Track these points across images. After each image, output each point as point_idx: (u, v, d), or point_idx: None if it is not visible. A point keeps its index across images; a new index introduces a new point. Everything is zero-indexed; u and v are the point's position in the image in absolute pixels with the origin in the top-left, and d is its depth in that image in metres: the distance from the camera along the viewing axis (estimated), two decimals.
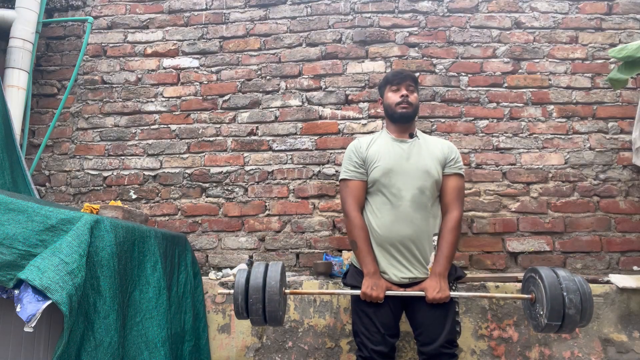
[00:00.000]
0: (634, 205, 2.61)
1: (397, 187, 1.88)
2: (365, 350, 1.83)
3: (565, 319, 1.62)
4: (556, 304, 1.62)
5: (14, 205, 1.52)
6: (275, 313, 1.69)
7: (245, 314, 1.71)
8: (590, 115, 2.74)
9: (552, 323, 1.63)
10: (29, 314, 1.33)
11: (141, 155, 2.96)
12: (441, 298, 1.77)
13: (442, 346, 1.76)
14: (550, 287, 1.64)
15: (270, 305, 1.68)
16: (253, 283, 1.70)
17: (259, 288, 1.69)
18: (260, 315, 1.69)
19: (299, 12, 3.00)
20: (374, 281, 1.80)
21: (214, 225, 2.82)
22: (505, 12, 2.89)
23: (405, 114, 1.97)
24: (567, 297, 1.61)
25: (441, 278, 1.79)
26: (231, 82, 2.97)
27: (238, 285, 1.72)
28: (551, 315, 1.62)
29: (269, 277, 1.71)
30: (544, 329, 1.68)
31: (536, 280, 1.73)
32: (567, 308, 1.61)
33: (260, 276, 1.71)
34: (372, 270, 1.82)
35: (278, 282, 1.70)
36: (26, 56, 2.81)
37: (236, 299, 1.71)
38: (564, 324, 1.63)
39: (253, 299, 1.68)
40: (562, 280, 1.64)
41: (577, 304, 1.61)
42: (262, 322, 1.72)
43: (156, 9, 3.12)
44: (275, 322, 1.72)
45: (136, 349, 1.75)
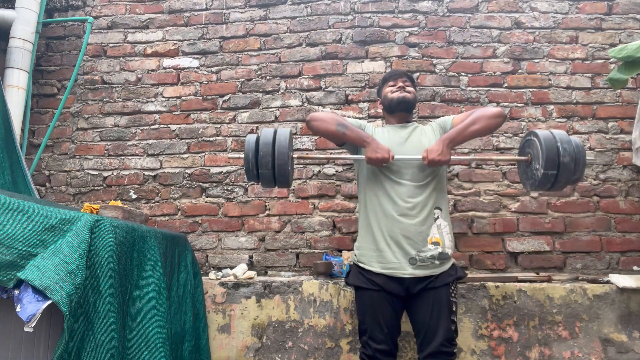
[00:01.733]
0: (634, 205, 2.61)
1: (396, 166, 1.89)
2: (369, 349, 1.83)
3: (560, 167, 1.71)
4: (551, 153, 1.72)
5: (14, 205, 1.52)
6: (284, 168, 1.73)
7: (255, 172, 1.76)
8: (590, 115, 2.74)
9: (548, 172, 1.72)
10: (29, 314, 1.33)
11: (141, 155, 2.96)
12: (441, 160, 1.79)
13: (441, 344, 1.76)
14: (546, 140, 1.75)
15: (279, 159, 1.72)
16: (263, 140, 1.76)
17: (269, 144, 1.74)
18: (270, 169, 1.73)
19: (299, 12, 3.00)
20: (376, 144, 1.83)
21: (214, 225, 2.82)
22: (505, 12, 2.89)
23: (403, 99, 1.99)
24: (561, 147, 1.72)
25: (445, 143, 1.81)
26: (231, 82, 2.97)
27: (249, 144, 1.77)
28: (547, 165, 1.72)
29: (278, 137, 1.76)
30: (540, 181, 1.76)
31: (532, 140, 1.83)
32: (561, 156, 1.71)
33: (270, 136, 1.77)
34: (369, 137, 1.85)
35: (287, 142, 1.75)
36: (26, 56, 2.81)
37: (247, 156, 1.76)
38: (559, 172, 1.72)
39: (263, 153, 1.73)
40: (556, 135, 1.76)
41: (570, 152, 1.71)
42: (271, 178, 1.76)
43: (156, 9, 3.12)
44: (284, 179, 1.76)
45: (136, 349, 1.75)
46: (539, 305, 2.24)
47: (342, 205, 2.74)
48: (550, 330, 2.22)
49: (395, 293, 1.84)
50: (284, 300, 2.37)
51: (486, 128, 1.90)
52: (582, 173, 1.77)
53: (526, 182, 1.90)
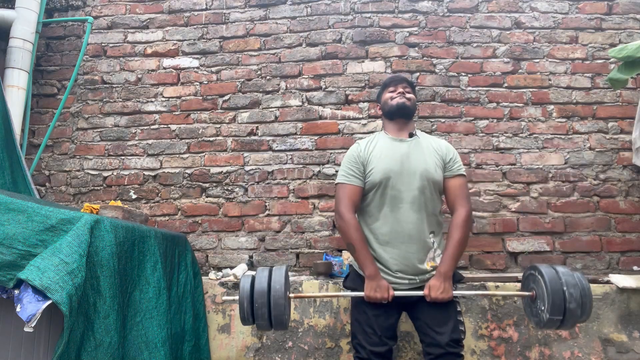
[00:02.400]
0: (634, 205, 2.61)
1: (397, 188, 1.88)
2: (362, 351, 1.83)
3: (566, 313, 1.64)
4: (557, 299, 1.64)
5: (14, 205, 1.52)
6: (281, 318, 1.67)
7: (251, 319, 1.70)
8: (590, 115, 2.74)
9: (554, 318, 1.65)
10: (29, 314, 1.33)
11: (141, 155, 2.96)
12: (443, 298, 1.77)
13: (448, 345, 1.76)
14: (551, 282, 1.66)
15: (276, 310, 1.66)
16: (258, 288, 1.69)
17: (264, 293, 1.67)
18: (266, 320, 1.68)
19: (299, 12, 3.00)
20: (376, 283, 1.80)
21: (214, 225, 2.82)
22: (505, 12, 2.89)
23: (402, 105, 1.98)
24: (567, 292, 1.63)
25: (445, 278, 1.79)
26: (231, 82, 2.97)
27: (243, 291, 1.70)
28: (553, 310, 1.64)
29: (274, 282, 1.70)
30: (545, 324, 1.69)
31: (536, 277, 1.75)
32: (567, 302, 1.63)
33: (265, 281, 1.70)
34: (372, 272, 1.82)
35: (283, 286, 1.69)
36: (26, 56, 2.81)
37: (242, 305, 1.69)
38: (565, 318, 1.65)
39: (259, 304, 1.66)
40: (561, 276, 1.67)
41: (577, 297, 1.63)
42: (268, 327, 1.70)
43: (156, 9, 3.12)
44: (282, 326, 1.70)
45: (136, 349, 1.75)
46: None
47: None
48: (550, 330, 2.22)
49: (393, 302, 1.84)
50: None
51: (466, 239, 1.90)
52: (588, 315, 1.69)
53: (531, 318, 1.83)
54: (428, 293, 1.78)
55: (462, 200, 1.93)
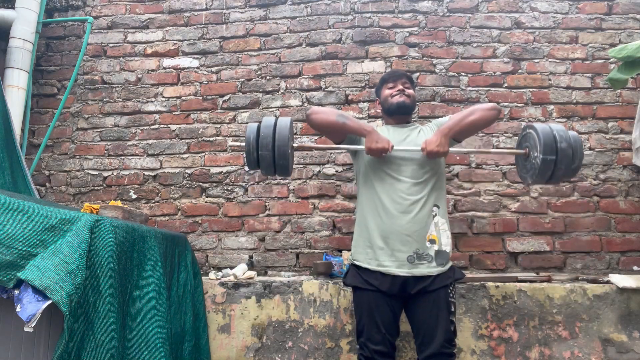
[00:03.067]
0: (634, 205, 2.61)
1: (397, 162, 1.89)
2: (366, 350, 1.83)
3: (558, 153, 1.75)
4: (549, 140, 1.77)
5: (14, 205, 1.52)
6: (285, 156, 1.75)
7: (256, 155, 1.78)
8: (590, 115, 2.74)
9: (547, 157, 1.76)
10: (29, 314, 1.33)
11: (141, 155, 2.96)
12: (439, 152, 1.80)
13: (441, 345, 1.76)
14: (542, 130, 1.80)
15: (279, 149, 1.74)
16: (264, 125, 1.78)
17: (270, 129, 1.77)
18: (270, 158, 1.76)
19: (299, 12, 3.00)
20: (376, 135, 1.83)
21: (214, 225, 2.82)
22: (505, 12, 2.89)
23: (402, 104, 1.99)
24: (557, 135, 1.77)
25: (443, 133, 1.83)
26: (231, 82, 2.97)
27: (249, 135, 1.78)
28: (545, 150, 1.76)
29: (279, 128, 1.78)
30: (540, 168, 1.79)
31: (529, 133, 1.88)
32: (559, 142, 1.76)
33: (271, 122, 1.80)
34: (371, 128, 1.87)
35: (287, 133, 1.77)
36: (26, 56, 2.81)
37: (248, 140, 1.77)
38: (557, 159, 1.75)
39: (263, 142, 1.75)
40: (551, 125, 1.82)
41: (566, 138, 1.77)
42: (272, 165, 1.78)
43: (156, 9, 3.12)
44: (284, 166, 1.78)
45: (136, 349, 1.75)
46: (539, 305, 2.24)
47: (342, 205, 2.74)
48: (550, 330, 2.22)
49: (391, 293, 1.84)
50: (284, 300, 2.37)
51: (482, 119, 1.91)
52: (580, 161, 1.81)
53: (526, 176, 1.93)
54: (425, 147, 1.81)
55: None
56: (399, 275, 1.82)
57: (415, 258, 1.83)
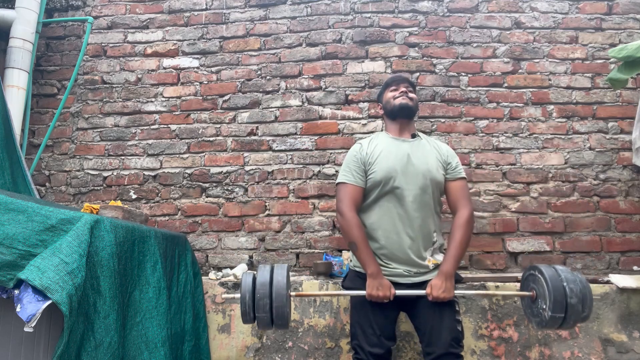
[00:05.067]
0: (634, 205, 2.61)
1: (400, 187, 1.89)
2: (361, 353, 1.83)
3: (568, 310, 1.64)
4: (558, 295, 1.64)
5: (14, 205, 1.52)
6: (283, 315, 1.67)
7: (252, 316, 1.70)
8: (590, 115, 2.74)
9: (556, 315, 1.65)
10: (29, 314, 1.32)
11: (141, 155, 2.96)
12: (445, 298, 1.77)
13: (450, 345, 1.76)
14: (552, 279, 1.67)
15: (277, 308, 1.66)
16: (260, 285, 1.69)
17: (266, 290, 1.68)
18: (268, 317, 1.68)
19: (299, 12, 3.00)
20: (378, 281, 1.80)
21: (214, 225, 2.82)
22: (505, 12, 2.89)
23: (405, 105, 1.99)
24: (567, 287, 1.64)
25: (447, 277, 1.80)
26: (231, 82, 2.97)
27: (245, 287, 1.70)
28: (554, 307, 1.64)
29: (276, 279, 1.70)
30: (547, 322, 1.69)
31: (536, 277, 1.75)
32: (569, 298, 1.63)
33: (267, 278, 1.70)
34: (374, 270, 1.81)
35: (285, 284, 1.69)
36: (26, 56, 2.81)
37: (243, 301, 1.69)
38: (567, 315, 1.65)
39: (260, 301, 1.66)
40: (560, 273, 1.69)
41: (577, 292, 1.64)
42: (269, 325, 1.70)
43: (156, 9, 3.12)
44: (283, 324, 1.70)
45: (136, 349, 1.75)
46: None
47: None
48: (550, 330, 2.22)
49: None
50: None
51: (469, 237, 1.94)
52: (589, 312, 1.69)
53: (532, 319, 1.82)
54: (430, 292, 1.78)
55: (464, 201, 1.95)
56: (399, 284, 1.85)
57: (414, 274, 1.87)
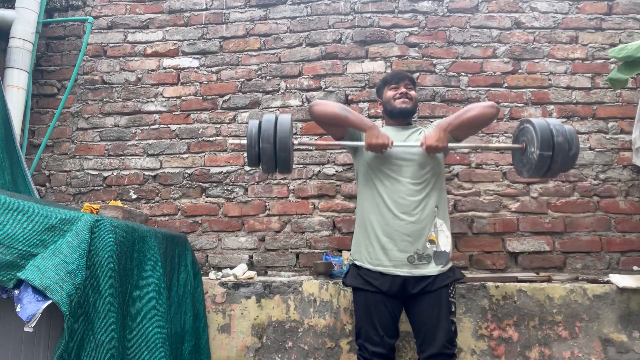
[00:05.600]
0: (634, 205, 2.61)
1: (398, 163, 1.89)
2: (366, 352, 1.83)
3: (555, 147, 1.76)
4: (545, 135, 1.77)
5: (14, 205, 1.52)
6: (286, 158, 1.77)
7: (257, 159, 1.80)
8: (590, 115, 2.74)
9: (543, 153, 1.77)
10: (29, 314, 1.32)
11: (141, 155, 2.96)
12: (438, 146, 1.80)
13: (443, 346, 1.76)
14: (539, 124, 1.81)
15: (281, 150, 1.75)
16: (266, 119, 1.80)
17: (272, 122, 1.79)
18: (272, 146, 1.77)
19: (299, 12, 3.00)
20: (377, 131, 1.83)
21: (214, 225, 2.82)
22: (505, 12, 2.89)
23: (404, 109, 2.00)
24: (554, 129, 1.78)
25: (442, 129, 1.83)
26: (231, 82, 2.97)
27: (251, 132, 1.80)
28: (542, 146, 1.77)
29: (280, 125, 1.80)
30: (536, 164, 1.79)
31: (525, 128, 1.89)
32: (555, 136, 1.76)
33: (272, 118, 1.82)
34: (372, 124, 1.86)
35: (288, 129, 1.78)
36: (26, 56, 2.81)
37: (249, 144, 1.79)
38: (554, 153, 1.76)
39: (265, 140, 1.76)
40: (548, 120, 1.84)
41: (563, 132, 1.78)
42: (273, 158, 1.79)
43: (156, 9, 3.12)
44: (286, 165, 1.80)
45: (136, 349, 1.75)
46: (539, 305, 2.24)
47: (342, 205, 2.74)
48: (550, 330, 2.22)
49: (391, 294, 1.84)
50: (284, 300, 2.37)
51: (482, 115, 1.92)
52: (577, 150, 1.82)
53: (522, 170, 1.94)
54: (424, 141, 1.82)
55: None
56: (399, 275, 1.82)
57: (416, 258, 1.83)
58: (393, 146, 1.84)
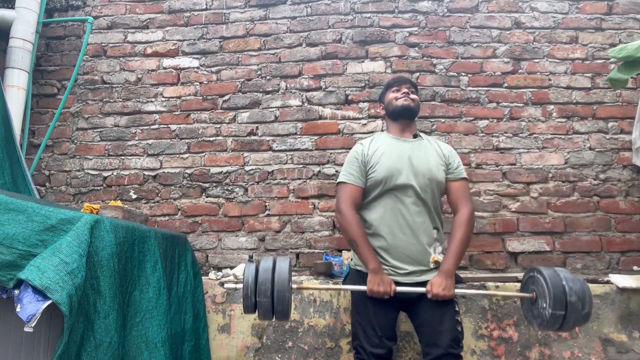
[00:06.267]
0: (634, 205, 2.61)
1: (401, 186, 1.90)
2: (363, 353, 1.83)
3: (568, 307, 1.66)
4: (558, 293, 1.66)
5: (14, 205, 1.52)
6: (284, 305, 1.70)
7: (253, 307, 1.72)
8: (590, 115, 2.74)
9: (556, 312, 1.66)
10: (29, 314, 1.32)
11: (141, 155, 2.96)
12: (445, 295, 1.77)
13: (449, 346, 1.76)
14: (551, 278, 1.69)
15: (279, 297, 1.68)
16: (262, 275, 1.72)
17: (268, 280, 1.70)
18: (269, 304, 1.70)
19: (299, 12, 3.00)
20: (379, 277, 1.80)
21: (214, 225, 2.82)
22: (505, 12, 2.89)
23: (407, 106, 2.00)
24: (567, 286, 1.66)
25: (447, 276, 1.80)
26: (231, 82, 2.97)
27: (247, 277, 1.72)
28: (555, 305, 1.66)
29: (278, 270, 1.73)
30: (548, 321, 1.70)
31: (535, 277, 1.77)
32: (568, 296, 1.65)
33: (269, 268, 1.73)
34: (375, 266, 1.82)
35: (287, 275, 1.71)
36: (26, 56, 2.81)
37: (245, 290, 1.71)
38: (567, 313, 1.66)
39: (262, 289, 1.69)
40: (559, 273, 1.71)
41: (577, 290, 1.66)
42: (270, 312, 1.72)
43: (156, 9, 3.12)
44: (284, 312, 1.72)
45: (136, 349, 1.75)
46: None
47: None
48: None
49: (392, 297, 1.84)
50: None
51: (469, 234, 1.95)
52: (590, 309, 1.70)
53: (533, 321, 1.83)
54: (430, 289, 1.78)
55: (465, 201, 1.96)
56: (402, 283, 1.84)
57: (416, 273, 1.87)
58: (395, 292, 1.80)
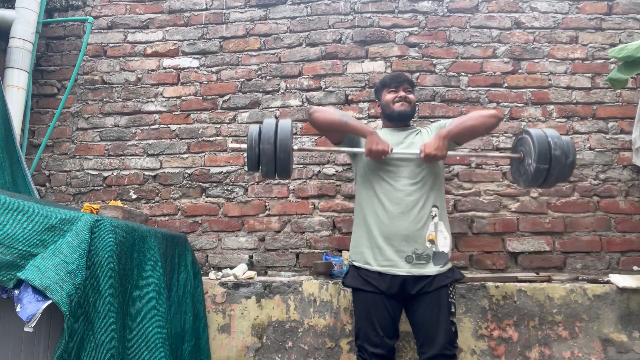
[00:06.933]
0: (634, 205, 2.61)
1: (395, 164, 1.89)
2: (365, 353, 1.83)
3: (552, 161, 1.77)
4: (543, 148, 1.77)
5: (14, 205, 1.52)
6: (286, 162, 1.78)
7: (257, 164, 1.82)
8: (590, 115, 2.74)
9: (540, 166, 1.77)
10: (29, 314, 1.32)
11: (141, 155, 2.96)
12: (437, 155, 1.80)
13: (443, 347, 1.76)
14: (537, 136, 1.81)
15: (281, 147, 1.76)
16: (266, 123, 1.82)
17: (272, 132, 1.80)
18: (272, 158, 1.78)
19: (299, 12, 3.00)
20: (377, 137, 1.83)
21: (214, 225, 2.82)
22: (505, 12, 2.89)
23: (403, 112, 2.00)
24: (552, 142, 1.78)
25: (441, 137, 1.82)
26: (231, 82, 2.97)
27: (251, 136, 1.82)
28: (539, 159, 1.77)
29: (280, 129, 1.81)
30: (532, 176, 1.80)
31: (524, 138, 1.89)
32: (553, 150, 1.77)
33: (273, 122, 1.84)
34: (372, 130, 1.87)
35: (289, 134, 1.79)
36: (26, 56, 2.81)
37: (249, 148, 1.80)
38: (551, 167, 1.77)
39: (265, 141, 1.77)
40: (546, 132, 1.83)
41: (561, 145, 1.77)
42: (272, 160, 1.80)
43: (156, 9, 3.12)
44: (285, 165, 1.81)
45: (136, 349, 1.75)
46: (539, 305, 2.24)
47: (342, 205, 2.74)
48: (550, 330, 2.22)
49: (391, 294, 1.84)
50: (284, 300, 2.37)
51: (482, 125, 1.92)
52: (573, 164, 1.81)
53: (519, 179, 1.95)
54: (423, 149, 1.81)
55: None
56: (398, 275, 1.82)
57: (414, 258, 1.83)
58: (392, 153, 1.85)
